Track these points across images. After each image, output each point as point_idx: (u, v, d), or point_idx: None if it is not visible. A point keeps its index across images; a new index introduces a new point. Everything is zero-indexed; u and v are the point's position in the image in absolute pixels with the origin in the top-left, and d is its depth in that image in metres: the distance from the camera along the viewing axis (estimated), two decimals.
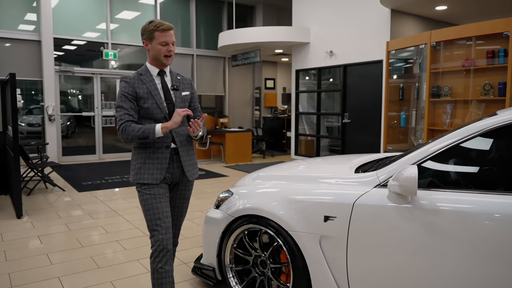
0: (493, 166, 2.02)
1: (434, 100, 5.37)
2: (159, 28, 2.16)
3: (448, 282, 1.79)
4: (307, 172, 2.65)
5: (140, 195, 2.21)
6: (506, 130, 1.85)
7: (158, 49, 2.18)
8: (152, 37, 2.18)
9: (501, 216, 1.69)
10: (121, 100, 2.15)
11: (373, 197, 2.04)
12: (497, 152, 1.96)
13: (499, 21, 4.65)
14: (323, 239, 2.17)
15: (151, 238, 2.18)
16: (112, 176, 7.25)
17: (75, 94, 9.67)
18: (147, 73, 2.23)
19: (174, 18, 10.57)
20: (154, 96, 2.18)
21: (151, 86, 2.20)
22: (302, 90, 9.24)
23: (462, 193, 1.85)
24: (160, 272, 2.16)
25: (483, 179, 1.95)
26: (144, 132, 2.08)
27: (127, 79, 2.18)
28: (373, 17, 7.22)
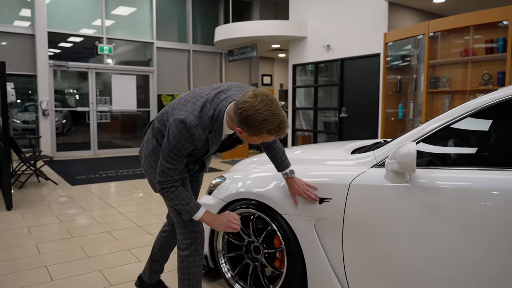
0: (492, 143, 1.94)
1: (432, 91, 5.30)
2: (272, 133, 1.62)
3: (449, 262, 1.71)
4: (302, 155, 2.57)
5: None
6: (506, 106, 1.78)
7: (253, 140, 1.71)
8: (257, 134, 1.64)
9: (501, 192, 1.62)
10: (176, 155, 1.73)
11: (370, 177, 1.96)
12: (496, 128, 1.89)
13: (498, 9, 4.58)
14: (318, 222, 2.09)
15: (182, 229, 1.97)
16: (107, 170, 7.16)
17: (70, 89, 9.57)
18: (219, 131, 1.78)
19: (170, 13, 10.48)
20: (208, 146, 1.84)
21: (213, 143, 1.82)
22: (299, 85, 9.16)
23: (462, 171, 1.78)
24: (198, 265, 2.00)
25: (482, 156, 1.87)
26: (184, 211, 1.85)
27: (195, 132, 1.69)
28: (370, 10, 7.14)
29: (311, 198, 2.05)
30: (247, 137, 1.68)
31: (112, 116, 9.76)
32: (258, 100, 1.58)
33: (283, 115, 1.62)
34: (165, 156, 1.76)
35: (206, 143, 1.81)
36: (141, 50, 10.19)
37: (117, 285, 2.59)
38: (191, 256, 1.98)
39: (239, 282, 2.44)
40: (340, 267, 2.05)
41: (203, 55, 10.89)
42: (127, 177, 6.50)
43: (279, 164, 2.13)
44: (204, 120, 1.72)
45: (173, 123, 1.72)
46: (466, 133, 1.93)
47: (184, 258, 1.99)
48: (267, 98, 1.60)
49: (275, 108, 1.59)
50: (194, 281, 2.02)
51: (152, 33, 10.05)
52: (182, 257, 1.99)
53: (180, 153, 1.74)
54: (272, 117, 1.58)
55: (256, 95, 1.59)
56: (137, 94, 10.06)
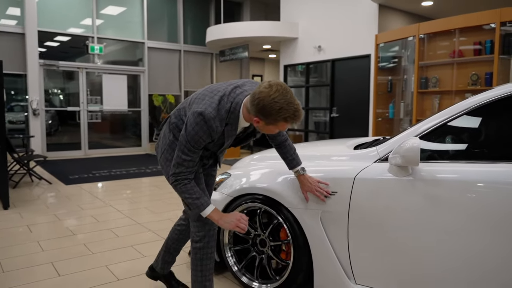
0: (486, 138, 2.06)
1: (423, 91, 5.46)
2: (288, 120, 1.70)
3: (450, 251, 1.82)
4: (308, 152, 2.66)
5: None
6: (502, 103, 1.90)
7: (269, 130, 1.78)
8: (273, 122, 1.71)
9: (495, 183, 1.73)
10: (193, 146, 1.80)
11: (374, 171, 2.06)
12: (489, 125, 2.00)
13: (486, 12, 4.76)
14: (324, 214, 2.18)
15: (195, 222, 2.03)
16: (100, 170, 7.14)
17: (60, 89, 9.49)
18: (235, 124, 1.85)
19: (161, 13, 10.49)
20: (224, 139, 1.90)
21: (228, 135, 1.88)
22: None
23: (459, 164, 1.89)
24: (210, 257, 2.06)
25: (477, 150, 1.99)
26: (191, 204, 1.91)
27: (212, 129, 1.77)
28: (361, 12, 7.30)
29: (323, 195, 2.12)
30: (264, 126, 1.75)
31: (102, 116, 9.71)
32: (274, 90, 1.66)
33: (297, 103, 1.70)
34: (182, 148, 1.82)
35: (222, 136, 1.87)
36: (132, 49, 10.17)
37: (125, 280, 2.64)
38: (204, 248, 2.04)
39: (246, 275, 2.52)
40: (345, 258, 2.14)
41: (194, 55, 10.92)
42: (120, 177, 6.51)
43: (290, 161, 2.21)
44: (221, 113, 1.78)
45: (192, 116, 1.78)
46: (462, 130, 2.04)
47: (197, 250, 2.05)
48: (282, 88, 1.68)
49: (289, 97, 1.67)
50: (206, 273, 2.08)
51: (143, 32, 10.04)
52: (195, 249, 2.06)
53: (197, 144, 1.80)
54: (288, 105, 1.66)
55: (271, 85, 1.67)
56: (128, 94, 10.04)
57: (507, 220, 1.69)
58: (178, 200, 4.84)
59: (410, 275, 1.95)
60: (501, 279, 1.71)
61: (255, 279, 2.47)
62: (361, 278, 2.11)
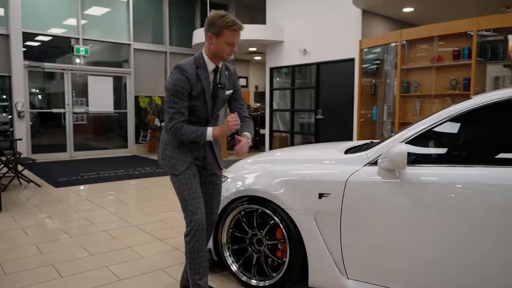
0: (467, 143, 2.25)
1: (405, 95, 5.70)
2: (231, 27, 2.06)
3: (435, 247, 2.00)
4: (302, 156, 2.81)
5: (174, 181, 2.26)
6: (480, 111, 2.09)
7: (222, 47, 2.09)
8: (220, 34, 2.06)
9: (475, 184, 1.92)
10: (176, 96, 2.08)
11: (364, 174, 2.23)
12: (470, 131, 2.20)
13: (464, 21, 5.02)
14: (318, 215, 2.33)
15: (185, 218, 2.22)
16: (88, 172, 7.15)
17: (45, 90, 9.42)
18: (204, 67, 2.15)
19: (147, 15, 10.51)
20: (205, 95, 2.16)
21: (206, 84, 2.15)
22: (276, 88, 9.45)
23: (442, 167, 2.07)
24: (198, 251, 2.21)
25: (459, 154, 2.18)
26: (196, 137, 2.12)
27: (186, 72, 2.08)
28: (345, 17, 7.51)
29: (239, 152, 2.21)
30: (216, 43, 2.09)
31: (88, 118, 9.69)
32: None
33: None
34: (168, 103, 2.11)
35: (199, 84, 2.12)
36: (118, 51, 10.17)
37: (127, 280, 2.74)
38: (191, 242, 2.21)
39: (243, 273, 2.66)
40: (338, 256, 2.31)
41: (180, 57, 10.95)
42: (110, 179, 6.54)
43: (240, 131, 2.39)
44: (190, 61, 2.15)
45: (170, 73, 2.13)
46: (445, 136, 2.23)
47: (186, 244, 2.24)
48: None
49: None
50: (196, 266, 2.23)
51: (129, 34, 10.05)
52: (185, 243, 2.25)
53: (179, 93, 2.08)
54: (227, 15, 2.08)
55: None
56: (114, 96, 10.04)
57: (484, 218, 1.87)
58: (169, 202, 4.94)
59: (397, 269, 2.12)
60: (480, 271, 1.90)
61: (253, 277, 2.61)
62: (353, 273, 2.27)
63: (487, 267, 1.88)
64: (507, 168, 1.89)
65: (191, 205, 2.20)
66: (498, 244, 1.84)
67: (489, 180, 1.91)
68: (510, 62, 4.96)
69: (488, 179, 1.91)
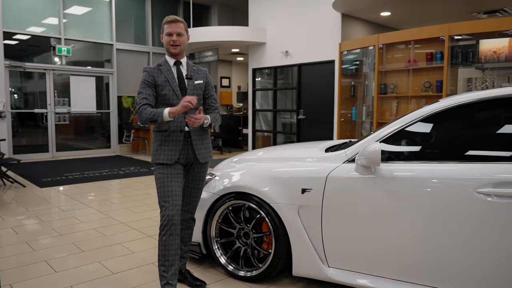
0: (436, 142, 2.48)
1: (382, 96, 5.97)
2: (166, 21, 2.47)
3: (406, 236, 2.21)
4: (285, 154, 3.00)
5: (155, 174, 2.46)
6: (447, 112, 2.31)
7: (166, 40, 2.47)
8: (163, 30, 2.49)
9: (443, 179, 2.14)
10: (141, 87, 2.44)
11: (343, 171, 2.43)
12: (439, 130, 2.42)
13: (436, 27, 5.31)
14: (301, 209, 2.52)
15: (160, 213, 2.43)
16: (72, 172, 7.18)
17: (27, 90, 9.35)
18: (166, 63, 2.51)
19: (129, 15, 10.54)
20: (171, 84, 2.45)
21: (168, 75, 2.47)
22: (259, 88, 9.64)
23: (413, 164, 2.29)
24: (165, 244, 2.40)
25: (428, 152, 2.40)
26: (154, 115, 2.33)
27: (148, 69, 2.48)
28: (325, 20, 7.76)
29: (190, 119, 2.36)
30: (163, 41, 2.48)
31: (71, 118, 9.66)
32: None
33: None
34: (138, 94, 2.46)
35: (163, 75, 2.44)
36: (101, 51, 10.16)
37: (120, 273, 2.88)
38: (160, 235, 2.42)
39: (231, 264, 2.83)
40: (319, 246, 2.50)
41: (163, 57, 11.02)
42: (94, 179, 6.60)
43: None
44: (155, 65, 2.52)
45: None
46: (416, 135, 2.45)
47: (158, 236, 2.44)
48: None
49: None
50: (163, 258, 2.41)
51: (112, 34, 10.06)
52: (158, 235, 2.45)
53: (143, 84, 2.44)
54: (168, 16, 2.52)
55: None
56: (97, 96, 10.03)
57: (452, 210, 2.09)
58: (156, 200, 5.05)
59: (374, 257, 2.33)
60: (449, 257, 2.12)
61: (241, 268, 2.78)
62: (333, 262, 2.47)
63: (455, 253, 2.10)
64: (472, 164, 2.11)
65: (167, 202, 2.39)
66: (464, 232, 2.06)
67: (455, 175, 2.13)
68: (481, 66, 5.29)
69: (455, 174, 2.13)
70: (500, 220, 1.97)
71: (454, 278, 2.11)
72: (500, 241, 1.98)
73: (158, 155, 2.45)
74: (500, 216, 1.97)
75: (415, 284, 2.22)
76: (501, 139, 2.21)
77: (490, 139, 2.25)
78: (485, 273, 2.03)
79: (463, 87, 6.41)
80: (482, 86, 5.26)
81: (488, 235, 2.00)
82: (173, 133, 2.44)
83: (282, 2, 8.69)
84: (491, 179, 2.00)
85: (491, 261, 2.01)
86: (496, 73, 5.21)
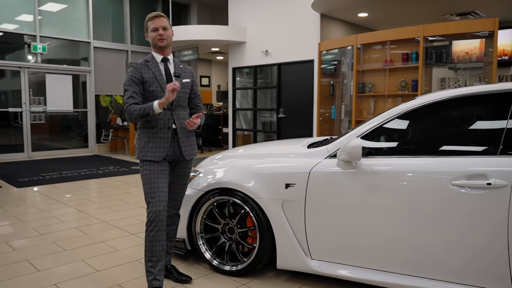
0: (412, 137, 2.59)
1: (360, 95, 6.12)
2: (149, 17, 2.50)
3: (387, 229, 2.31)
4: (269, 151, 3.06)
5: (141, 170, 2.46)
6: (423, 109, 2.42)
7: (152, 36, 2.50)
8: (147, 28, 2.52)
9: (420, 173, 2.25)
10: (128, 84, 2.42)
11: (325, 166, 2.51)
12: (414, 127, 2.53)
13: (412, 28, 5.49)
14: (285, 203, 2.59)
15: (147, 209, 2.44)
16: (49, 172, 7.05)
17: (0, 89, 9.09)
18: (153, 59, 2.52)
19: (107, 13, 10.39)
20: (159, 81, 2.46)
21: (156, 71, 2.47)
22: (239, 87, 9.68)
23: (394, 158, 2.39)
24: (151, 240, 2.41)
25: (405, 147, 2.51)
26: (145, 110, 2.33)
27: (135, 65, 2.47)
28: (305, 20, 7.88)
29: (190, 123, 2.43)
30: (149, 38, 2.52)
31: (47, 117, 9.46)
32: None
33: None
34: (123, 92, 2.45)
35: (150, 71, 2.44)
36: (77, 49, 9.98)
37: (105, 271, 2.87)
38: (147, 230, 2.44)
39: (217, 259, 2.87)
40: (303, 239, 2.57)
41: (142, 56, 10.81)
42: (73, 178, 6.50)
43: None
44: (141, 60, 2.52)
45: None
46: (394, 131, 2.56)
47: (145, 232, 2.46)
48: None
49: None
50: (150, 254, 2.43)
51: (89, 32, 9.91)
52: (145, 231, 2.47)
53: (130, 81, 2.42)
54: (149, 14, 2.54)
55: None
56: (74, 94, 9.86)
57: (429, 201, 2.20)
58: (137, 199, 5.05)
59: (355, 249, 2.42)
60: (426, 247, 2.23)
61: (226, 263, 2.83)
62: (316, 254, 2.55)
63: (433, 242, 2.21)
64: (447, 158, 2.22)
65: (153, 198, 2.41)
66: (441, 223, 2.17)
67: (432, 168, 2.23)
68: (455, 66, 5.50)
69: (431, 167, 2.24)
70: (473, 210, 2.09)
71: (431, 266, 2.21)
72: (473, 229, 2.09)
73: (145, 152, 2.45)
74: (472, 206, 2.09)
75: (394, 273, 2.32)
76: (474, 134, 2.34)
77: (464, 134, 2.38)
78: (461, 261, 2.14)
79: (437, 86, 6.62)
80: (455, 86, 5.47)
81: (462, 224, 2.12)
82: (161, 130, 2.45)
83: (262, 1, 8.76)
84: (465, 171, 2.12)
85: (466, 249, 2.12)
86: (468, 73, 5.42)
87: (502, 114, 2.17)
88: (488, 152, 2.16)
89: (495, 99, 2.27)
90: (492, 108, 2.32)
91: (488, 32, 5.06)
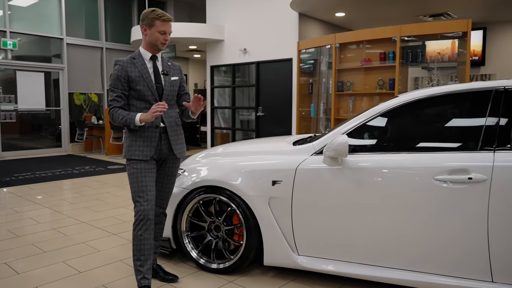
0: (394, 134, 2.65)
1: (339, 93, 6.21)
2: (160, 18, 2.38)
3: (372, 224, 2.36)
4: (255, 148, 3.07)
5: (128, 169, 2.42)
6: (406, 106, 2.49)
7: (156, 36, 2.40)
8: (152, 25, 2.39)
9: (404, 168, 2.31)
10: (114, 83, 2.38)
11: (311, 162, 2.54)
12: (396, 124, 2.60)
13: (389, 28, 5.62)
14: (272, 200, 2.61)
15: (134, 208, 2.40)
16: (22, 173, 6.82)
17: None
18: (140, 57, 2.45)
19: (80, 9, 10.13)
20: (145, 79, 2.40)
21: (143, 69, 2.41)
22: (217, 85, 9.64)
23: (377, 154, 2.45)
24: (140, 239, 2.39)
25: (387, 144, 2.57)
26: (126, 121, 2.32)
27: (121, 62, 2.40)
28: (283, 19, 7.92)
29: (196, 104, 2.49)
30: (150, 34, 2.40)
31: (17, 116, 9.14)
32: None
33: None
34: (110, 93, 2.43)
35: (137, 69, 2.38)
36: (50, 45, 9.69)
37: (87, 272, 2.81)
38: (135, 230, 2.41)
39: (203, 258, 2.85)
40: (290, 235, 2.60)
41: (118, 53, 10.70)
42: (47, 179, 6.32)
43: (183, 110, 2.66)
44: (127, 56, 2.46)
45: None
46: (377, 128, 2.61)
47: (133, 231, 2.44)
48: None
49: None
50: (138, 253, 2.41)
51: (62, 28, 9.63)
52: (132, 230, 2.44)
53: (116, 81, 2.38)
54: (157, 9, 2.42)
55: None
56: (46, 92, 9.56)
57: (413, 196, 2.26)
58: (117, 199, 4.96)
59: (341, 244, 2.46)
60: (409, 241, 2.29)
61: (213, 261, 2.82)
62: (303, 250, 2.58)
63: (417, 236, 2.27)
64: (430, 154, 2.29)
65: (141, 197, 2.38)
66: (425, 216, 2.24)
67: (415, 164, 2.30)
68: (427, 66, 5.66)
69: (415, 163, 2.30)
70: (455, 203, 2.16)
71: (416, 260, 2.28)
72: (455, 222, 2.17)
73: (132, 151, 2.41)
74: (454, 200, 2.16)
75: (380, 267, 2.37)
76: (455, 131, 2.42)
77: (445, 130, 2.45)
78: (443, 253, 2.22)
79: (412, 85, 6.80)
80: (431, 84, 5.64)
81: (444, 217, 2.19)
82: (148, 129, 2.42)
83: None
84: (447, 167, 2.19)
85: (448, 241, 2.20)
86: (441, 73, 5.60)
87: (482, 112, 2.26)
88: (469, 148, 2.24)
89: (475, 97, 2.35)
90: (472, 105, 2.40)
91: (461, 32, 5.24)
